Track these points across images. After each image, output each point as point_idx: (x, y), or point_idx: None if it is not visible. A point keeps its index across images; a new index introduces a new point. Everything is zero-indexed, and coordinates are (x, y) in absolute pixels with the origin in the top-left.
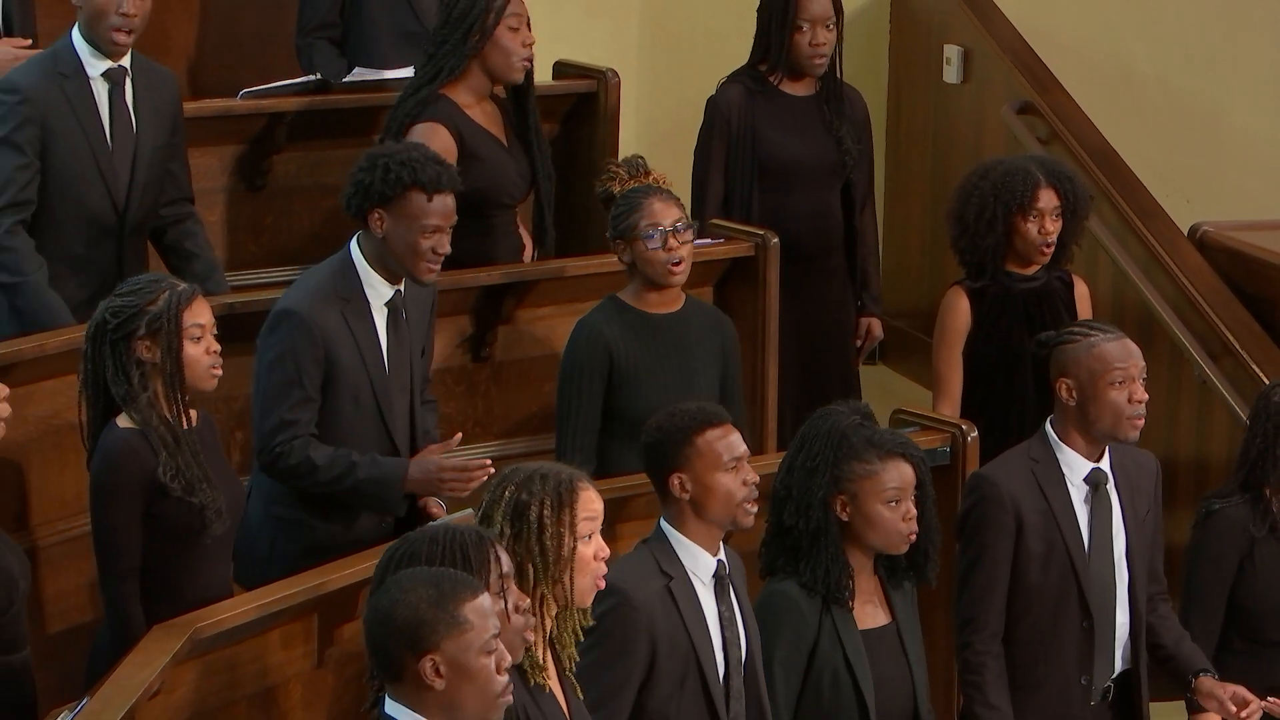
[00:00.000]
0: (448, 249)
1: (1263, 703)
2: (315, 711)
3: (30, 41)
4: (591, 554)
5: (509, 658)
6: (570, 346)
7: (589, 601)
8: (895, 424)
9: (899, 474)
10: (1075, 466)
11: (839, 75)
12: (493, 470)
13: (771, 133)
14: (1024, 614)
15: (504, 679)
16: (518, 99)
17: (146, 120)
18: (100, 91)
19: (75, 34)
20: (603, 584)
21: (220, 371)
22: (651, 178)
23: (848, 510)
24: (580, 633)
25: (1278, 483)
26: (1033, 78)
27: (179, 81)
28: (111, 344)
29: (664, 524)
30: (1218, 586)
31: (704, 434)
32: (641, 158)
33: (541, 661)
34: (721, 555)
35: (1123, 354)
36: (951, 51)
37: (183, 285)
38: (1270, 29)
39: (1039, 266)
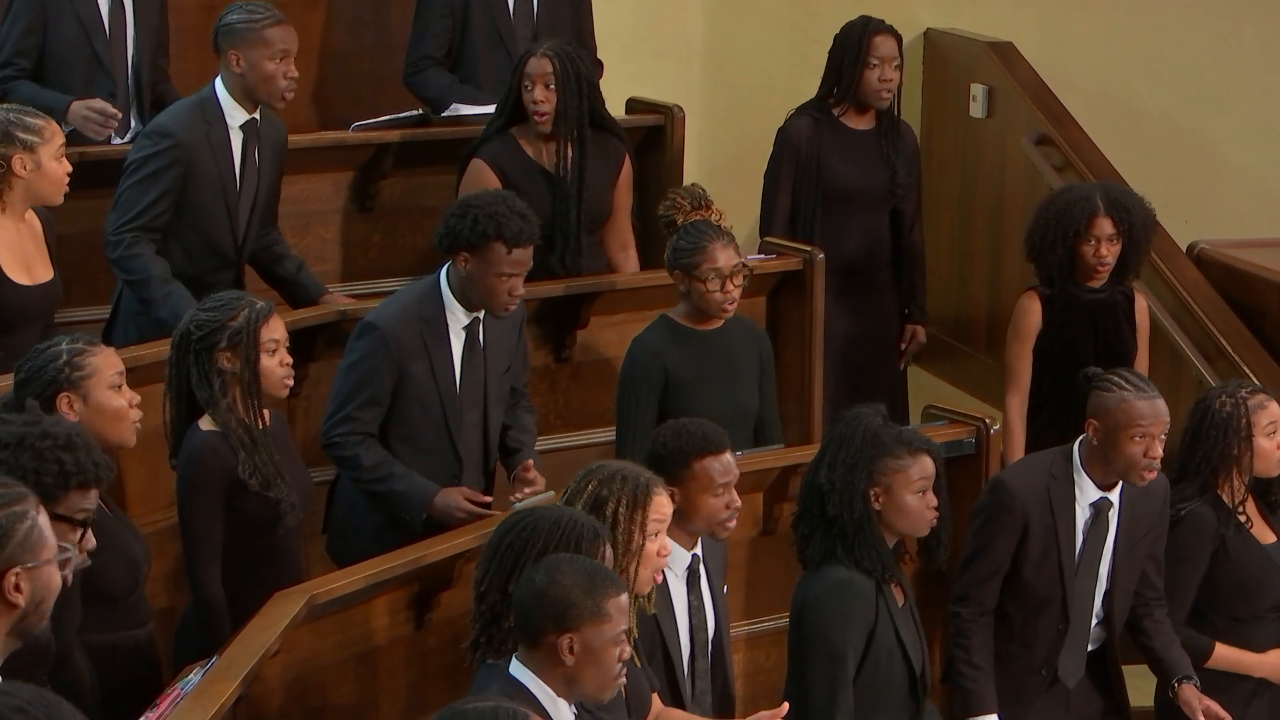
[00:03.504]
0: (522, 291)
1: None
2: (414, 669)
3: (118, 114)
4: (655, 550)
5: (629, 651)
6: (629, 361)
7: (648, 589)
8: (926, 417)
9: (924, 467)
10: (1086, 491)
11: (897, 112)
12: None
13: (835, 162)
14: (1008, 600)
15: (621, 666)
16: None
17: (265, 166)
18: (236, 140)
19: (219, 87)
20: (660, 577)
21: (291, 381)
22: (712, 210)
23: (880, 500)
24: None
25: (1228, 482)
26: (1049, 113)
27: (300, 115)
28: (195, 354)
29: None
30: (1188, 583)
31: (702, 460)
32: (702, 188)
33: None
34: (697, 549)
35: (1149, 413)
36: (977, 90)
37: (260, 303)
38: (1259, 73)
39: (1101, 281)
